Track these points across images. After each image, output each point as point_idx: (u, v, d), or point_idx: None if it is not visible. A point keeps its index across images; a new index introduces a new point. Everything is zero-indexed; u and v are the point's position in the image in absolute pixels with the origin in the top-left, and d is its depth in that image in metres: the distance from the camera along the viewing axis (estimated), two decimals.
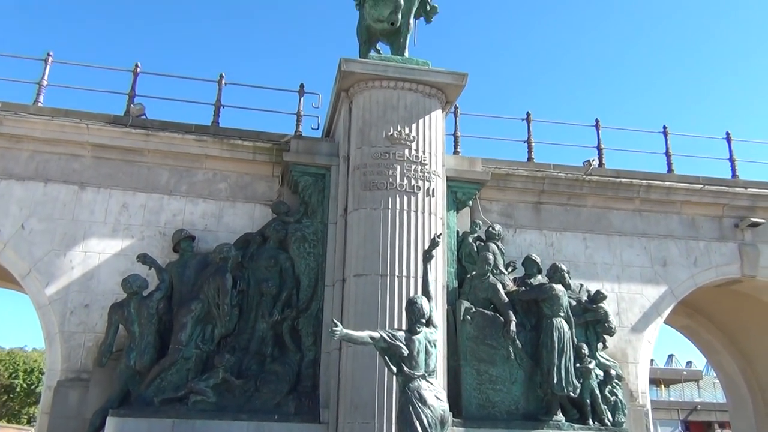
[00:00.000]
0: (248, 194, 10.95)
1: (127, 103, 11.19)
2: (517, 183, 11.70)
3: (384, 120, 10.00)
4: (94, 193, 10.44)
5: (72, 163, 10.55)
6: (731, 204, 12.47)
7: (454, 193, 10.73)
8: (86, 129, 10.51)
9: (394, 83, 10.16)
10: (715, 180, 12.62)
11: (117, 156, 10.68)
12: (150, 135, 10.71)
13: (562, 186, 11.85)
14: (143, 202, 10.54)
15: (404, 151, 9.83)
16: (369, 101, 10.18)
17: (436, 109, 10.38)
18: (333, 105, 11.05)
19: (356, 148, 10.03)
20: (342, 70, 10.07)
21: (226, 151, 10.94)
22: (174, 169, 10.84)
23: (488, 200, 11.54)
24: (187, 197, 10.73)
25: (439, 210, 9.87)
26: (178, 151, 10.81)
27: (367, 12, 11.53)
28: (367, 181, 9.71)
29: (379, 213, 9.49)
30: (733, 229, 12.40)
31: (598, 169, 12.23)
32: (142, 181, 10.67)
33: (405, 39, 11.19)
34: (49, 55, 11.35)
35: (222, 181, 10.95)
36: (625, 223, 12.11)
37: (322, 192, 10.45)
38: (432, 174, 9.89)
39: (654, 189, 12.15)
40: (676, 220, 12.33)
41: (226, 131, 11.26)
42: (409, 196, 9.63)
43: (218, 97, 11.70)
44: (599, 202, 12.06)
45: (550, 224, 11.76)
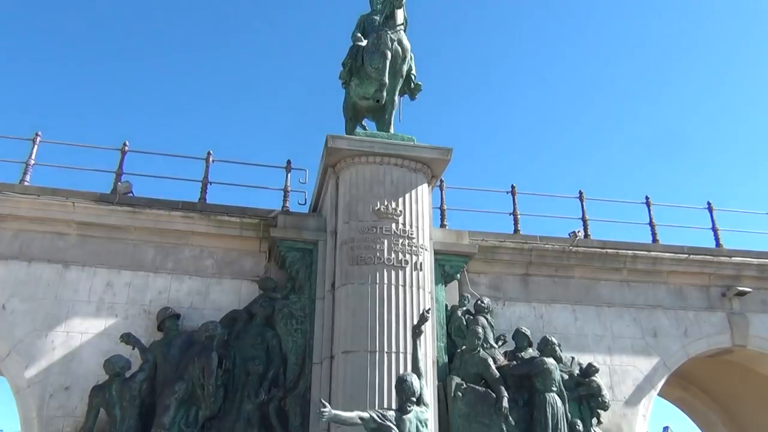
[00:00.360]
0: (235, 270, 10.86)
1: (114, 181, 11.22)
2: (504, 255, 11.72)
3: (371, 195, 10.08)
4: (78, 271, 10.31)
5: (57, 242, 10.46)
6: (717, 273, 12.53)
7: (442, 267, 10.72)
8: (72, 207, 10.49)
9: (380, 159, 10.30)
10: (699, 249, 12.71)
11: (103, 234, 10.62)
12: (136, 212, 10.70)
13: (549, 257, 11.88)
14: (128, 280, 10.41)
15: (391, 225, 9.87)
16: (356, 176, 10.29)
17: (422, 183, 10.50)
18: (320, 180, 11.15)
19: (343, 222, 10.06)
20: (329, 147, 10.22)
21: (213, 228, 10.92)
22: (160, 246, 10.77)
23: (476, 273, 11.52)
24: (173, 274, 10.62)
25: (427, 284, 9.82)
26: (164, 228, 10.77)
27: (353, 90, 11.84)
28: (355, 256, 9.69)
29: (367, 288, 9.43)
30: (721, 299, 12.41)
31: (584, 240, 12.30)
32: (127, 259, 10.57)
33: (390, 115, 11.44)
34: (38, 135, 11.44)
35: (208, 257, 10.88)
36: (613, 293, 12.08)
37: (309, 267, 10.40)
38: (419, 248, 9.90)
39: (640, 259, 12.21)
40: (664, 290, 12.33)
41: (214, 208, 11.27)
42: (397, 271, 9.60)
43: (205, 174, 11.78)
44: (587, 273, 12.07)
45: (539, 296, 11.71)
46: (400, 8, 11.41)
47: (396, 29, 11.38)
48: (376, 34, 11.32)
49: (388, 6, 11.37)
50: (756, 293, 12.43)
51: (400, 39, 11.38)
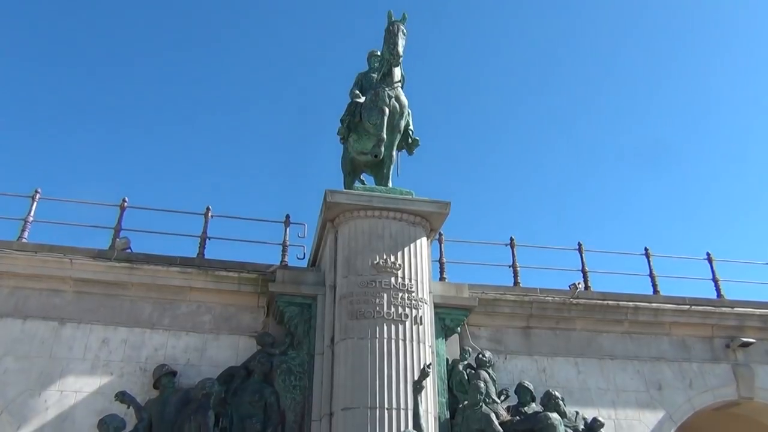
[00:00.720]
0: (233, 326, 10.74)
1: (112, 237, 11.23)
2: (505, 308, 11.63)
3: (370, 249, 10.07)
4: (73, 328, 10.18)
5: (53, 299, 10.37)
6: (720, 324, 12.42)
7: (442, 320, 10.62)
8: (69, 264, 10.45)
9: (378, 213, 10.34)
10: (701, 300, 12.65)
11: (100, 290, 10.53)
12: (134, 268, 10.65)
13: (550, 310, 11.79)
14: (124, 337, 10.27)
15: (391, 279, 9.82)
16: (355, 231, 10.30)
17: (421, 236, 10.51)
18: (319, 235, 11.15)
19: (342, 277, 10.01)
20: (328, 201, 10.27)
21: (211, 283, 10.86)
22: (157, 302, 10.67)
23: (477, 326, 11.40)
24: (169, 331, 10.49)
25: (427, 338, 9.70)
26: (162, 283, 10.70)
27: (351, 146, 11.99)
28: (354, 310, 9.60)
29: (367, 342, 9.31)
30: (725, 350, 12.27)
31: (584, 292, 12.25)
32: (124, 315, 10.45)
33: (388, 170, 11.55)
34: (37, 192, 11.50)
35: (206, 313, 10.78)
36: (615, 346, 11.95)
37: (308, 322, 10.30)
38: (419, 301, 9.82)
39: (642, 311, 12.12)
40: (667, 342, 12.20)
41: (212, 263, 11.25)
42: (397, 325, 9.50)
43: (204, 229, 11.81)
44: (588, 326, 11.95)
45: (541, 349, 11.57)
46: (398, 66, 11.66)
47: (393, 86, 11.60)
48: (374, 91, 11.53)
49: (385, 64, 11.63)
50: (760, 344, 12.31)
51: (398, 95, 11.60)
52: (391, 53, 11.37)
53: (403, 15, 11.55)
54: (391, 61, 11.45)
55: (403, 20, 11.51)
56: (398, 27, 11.43)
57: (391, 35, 11.43)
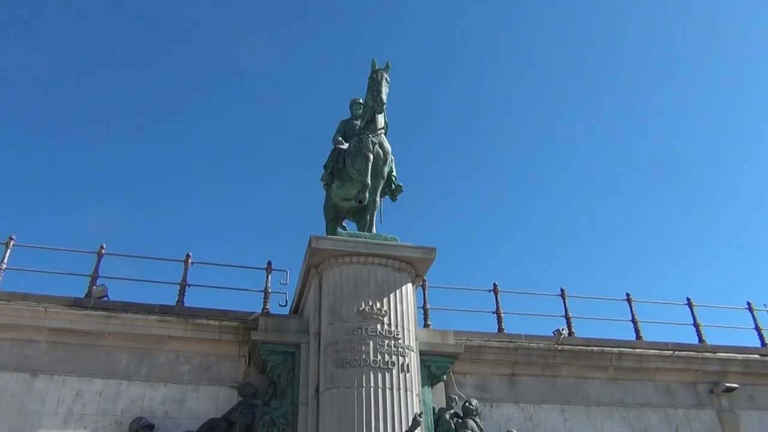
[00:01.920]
0: (213, 376, 10.41)
1: (89, 284, 10.90)
2: (490, 355, 11.50)
3: (355, 295, 9.93)
4: (46, 380, 9.75)
5: (25, 349, 9.95)
6: (703, 369, 12.43)
7: (428, 368, 10.45)
8: (44, 312, 10.09)
9: (364, 258, 10.25)
10: (684, 346, 12.68)
11: (75, 340, 10.16)
12: (111, 317, 10.32)
13: (535, 356, 11.70)
14: (99, 389, 9.86)
15: (377, 325, 9.67)
16: (339, 277, 10.17)
17: (407, 282, 10.42)
18: (302, 281, 10.98)
19: (327, 324, 9.83)
20: (312, 247, 10.16)
21: (191, 331, 10.55)
22: (134, 351, 10.32)
23: (462, 374, 11.23)
24: (147, 382, 10.11)
25: (414, 386, 9.51)
26: (140, 333, 10.36)
27: (335, 192, 11.97)
28: (340, 358, 9.40)
29: (354, 392, 9.09)
30: (709, 395, 12.25)
31: (568, 338, 12.19)
32: (99, 366, 10.06)
33: (372, 216, 11.52)
34: (11, 239, 11.16)
35: (185, 363, 10.44)
36: (601, 392, 11.85)
37: (291, 371, 10.03)
38: (406, 348, 9.67)
39: (626, 357, 12.09)
40: (652, 388, 12.15)
41: (192, 311, 10.97)
42: (384, 373, 9.31)
43: (184, 276, 11.53)
44: (574, 372, 11.87)
45: (527, 396, 11.41)
46: (381, 113, 11.77)
47: (377, 133, 11.69)
48: (358, 138, 11.60)
49: (369, 111, 11.74)
50: (743, 389, 12.32)
51: (381, 142, 11.67)
52: (374, 100, 11.49)
53: (387, 64, 11.74)
54: (375, 107, 11.57)
55: (386, 68, 11.70)
56: (382, 75, 11.61)
57: (374, 83, 11.59)
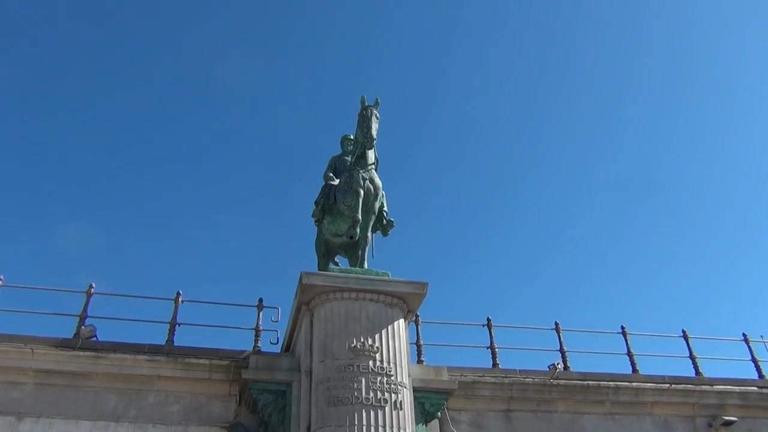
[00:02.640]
0: (203, 416, 10.22)
1: (77, 325, 10.76)
2: (484, 391, 11.33)
3: (346, 331, 9.82)
4: (32, 423, 9.55)
5: (11, 392, 9.77)
6: (700, 403, 12.27)
7: (422, 405, 10.28)
8: (31, 354, 9.93)
9: (355, 294, 10.16)
10: (681, 379, 12.53)
11: (62, 381, 9.99)
12: (100, 357, 10.17)
13: (530, 392, 11.53)
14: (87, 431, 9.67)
15: (368, 362, 9.53)
16: (331, 313, 10.08)
17: (399, 318, 10.32)
18: (293, 318, 10.88)
19: (319, 361, 9.70)
20: (303, 283, 10.08)
21: (180, 371, 10.39)
22: (123, 392, 10.14)
23: (456, 410, 11.06)
24: (135, 423, 9.91)
25: (408, 424, 9.33)
26: (128, 373, 10.20)
27: (326, 227, 11.96)
28: (332, 396, 9.24)
29: (345, 431, 8.90)
30: (708, 429, 12.05)
31: (564, 372, 12.05)
32: (87, 408, 9.87)
33: (363, 252, 11.48)
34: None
35: (174, 403, 10.25)
36: (598, 428, 11.64)
37: (282, 411, 9.85)
38: (398, 385, 9.52)
39: (622, 391, 11.93)
40: (650, 422, 11.95)
41: (181, 350, 10.82)
42: (377, 410, 9.14)
43: (174, 315, 11.40)
44: (570, 407, 11.69)
45: None
46: (372, 149, 11.84)
47: (367, 168, 11.74)
48: (349, 173, 11.64)
49: (359, 147, 11.81)
50: (742, 422, 12.13)
51: (372, 178, 11.71)
52: (365, 136, 11.57)
53: (376, 100, 11.87)
54: (365, 143, 11.63)
55: (376, 105, 11.83)
56: (371, 111, 11.72)
57: (364, 119, 11.69)
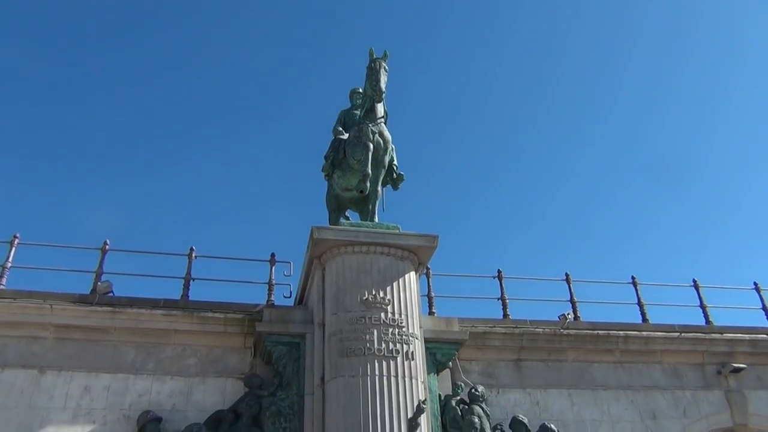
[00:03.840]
0: (219, 368, 10.45)
1: (93, 281, 10.94)
2: (495, 341, 11.49)
3: (358, 284, 9.93)
4: (54, 376, 9.82)
5: (32, 346, 10.02)
6: (710, 350, 12.39)
7: (433, 355, 10.44)
8: (50, 309, 10.14)
9: (366, 248, 10.22)
10: (690, 327, 12.62)
11: (81, 336, 10.21)
12: (116, 312, 10.37)
13: (541, 341, 11.68)
14: (107, 384, 9.92)
15: (380, 314, 9.66)
16: (342, 267, 10.17)
17: (410, 271, 10.40)
18: (305, 272, 10.99)
19: (331, 314, 9.84)
20: (314, 238, 10.15)
21: (196, 325, 10.60)
22: (141, 346, 10.37)
23: (468, 360, 11.24)
24: (154, 375, 10.17)
25: (420, 373, 9.52)
26: (145, 327, 10.42)
27: (336, 182, 11.95)
28: (344, 348, 9.41)
29: (358, 380, 9.10)
30: (717, 376, 12.22)
31: (574, 322, 12.17)
32: (106, 361, 10.13)
33: (374, 206, 11.49)
34: (15, 237, 11.21)
35: (191, 356, 10.49)
36: (608, 376, 11.83)
37: (297, 362, 10.06)
38: (410, 336, 9.66)
39: (632, 340, 12.06)
40: (659, 370, 12.12)
41: (196, 304, 10.98)
42: (388, 361, 9.31)
43: (188, 270, 11.54)
44: (580, 356, 11.85)
45: (534, 381, 11.42)
46: (381, 102, 11.73)
47: (377, 122, 11.66)
48: (358, 127, 11.56)
49: (368, 100, 11.70)
50: (751, 369, 12.28)
51: (382, 131, 11.63)
52: (373, 89, 11.45)
53: (385, 52, 11.69)
54: (374, 97, 11.52)
55: (384, 57, 11.65)
56: (380, 64, 11.55)
57: (373, 72, 11.54)
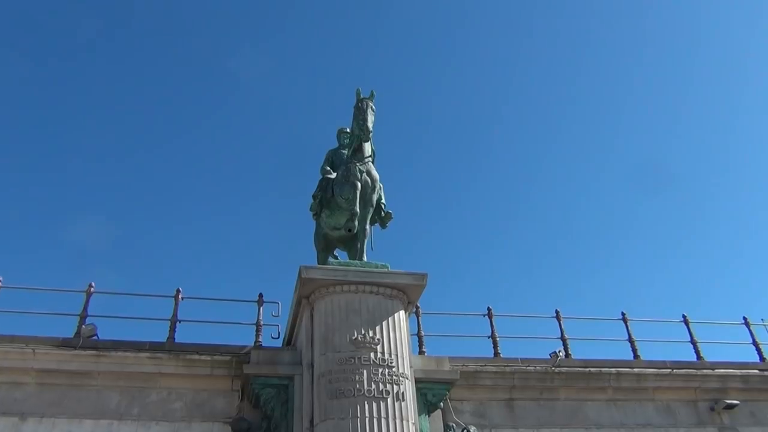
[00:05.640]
0: (206, 412, 10.24)
1: (78, 324, 10.76)
2: (486, 380, 11.36)
3: (347, 324, 9.83)
4: (36, 423, 9.57)
5: (14, 393, 9.80)
6: (702, 387, 12.30)
7: (424, 395, 10.29)
8: (32, 354, 9.95)
9: (355, 287, 10.15)
10: (682, 364, 12.56)
11: (64, 381, 10.01)
12: (101, 356, 10.18)
13: (532, 380, 11.56)
14: (90, 430, 9.68)
15: (370, 354, 9.55)
16: (331, 306, 10.08)
17: (399, 309, 10.32)
18: (293, 313, 10.88)
19: (320, 354, 9.71)
20: (302, 278, 10.08)
21: (183, 368, 10.41)
22: (126, 390, 10.16)
23: (459, 400, 11.08)
24: (138, 421, 9.94)
25: (410, 415, 9.36)
26: (130, 370, 10.22)
27: (324, 221, 11.94)
28: (334, 389, 9.25)
29: (348, 423, 8.92)
30: (710, 413, 12.10)
31: (565, 360, 12.07)
32: (90, 407, 9.89)
33: (362, 244, 11.46)
34: None
35: (177, 399, 10.28)
36: (601, 414, 11.69)
37: (285, 404, 9.88)
38: (400, 377, 9.53)
39: (624, 377, 11.96)
40: (652, 408, 11.99)
41: (183, 347, 10.83)
42: (378, 402, 9.16)
43: (174, 312, 11.40)
44: (572, 394, 11.72)
45: (526, 421, 11.25)
46: (368, 141, 11.80)
47: (364, 161, 11.71)
48: (345, 167, 11.61)
49: (355, 140, 11.77)
50: (744, 406, 12.17)
51: (369, 170, 11.68)
52: (361, 129, 11.53)
53: (371, 92, 11.81)
54: (362, 136, 11.60)
55: (371, 97, 11.77)
56: (367, 103, 11.66)
57: (360, 111, 11.63)
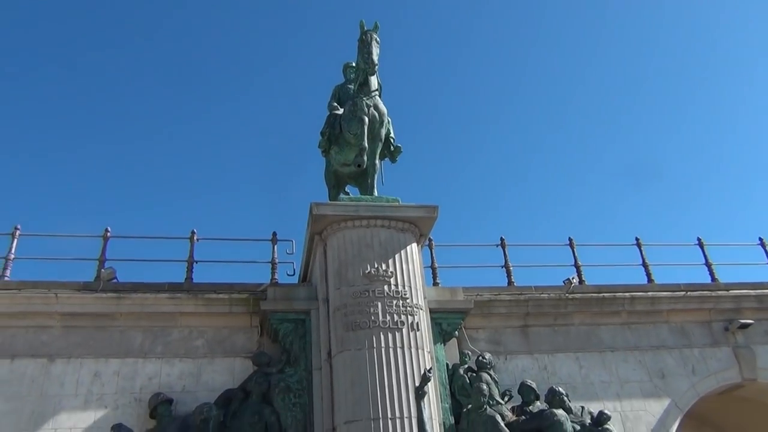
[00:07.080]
0: (227, 348, 10.52)
1: (97, 268, 10.98)
2: (501, 308, 11.50)
3: (360, 258, 9.93)
4: (64, 364, 9.91)
5: (40, 336, 10.10)
6: (717, 308, 12.37)
7: (439, 325, 10.46)
8: (55, 298, 10.20)
9: (366, 222, 10.21)
10: (696, 286, 12.59)
11: (88, 323, 10.29)
12: (122, 298, 10.42)
13: (546, 307, 11.69)
14: (116, 369, 10.01)
15: (384, 287, 9.67)
16: (343, 241, 10.16)
17: (411, 242, 10.39)
18: (307, 249, 11.00)
19: (335, 289, 9.86)
20: (314, 214, 10.13)
21: (202, 307, 10.65)
22: (148, 330, 10.44)
23: (474, 329, 11.26)
24: (162, 358, 10.25)
25: (425, 344, 9.55)
26: (151, 311, 10.47)
27: (333, 158, 11.90)
28: (349, 322, 9.44)
29: (365, 353, 9.13)
30: (724, 333, 12.21)
31: (579, 286, 12.15)
32: (114, 347, 10.20)
33: (372, 179, 11.44)
34: (17, 228, 11.24)
35: (198, 337, 10.55)
36: (615, 337, 11.85)
37: (303, 338, 10.10)
38: (414, 307, 9.68)
39: (638, 300, 12.05)
40: (666, 330, 12.12)
41: (201, 287, 11.04)
42: (394, 333, 9.33)
43: (191, 253, 11.58)
44: (586, 319, 11.86)
45: (541, 347, 11.44)
46: (374, 75, 11.60)
47: (371, 95, 11.55)
48: (352, 102, 11.47)
49: (361, 74, 11.58)
50: (758, 324, 12.26)
51: (376, 104, 11.54)
52: (366, 63, 11.32)
53: (375, 24, 11.53)
54: (367, 70, 11.39)
55: (375, 29, 11.49)
56: (371, 36, 11.40)
57: (364, 45, 11.40)
